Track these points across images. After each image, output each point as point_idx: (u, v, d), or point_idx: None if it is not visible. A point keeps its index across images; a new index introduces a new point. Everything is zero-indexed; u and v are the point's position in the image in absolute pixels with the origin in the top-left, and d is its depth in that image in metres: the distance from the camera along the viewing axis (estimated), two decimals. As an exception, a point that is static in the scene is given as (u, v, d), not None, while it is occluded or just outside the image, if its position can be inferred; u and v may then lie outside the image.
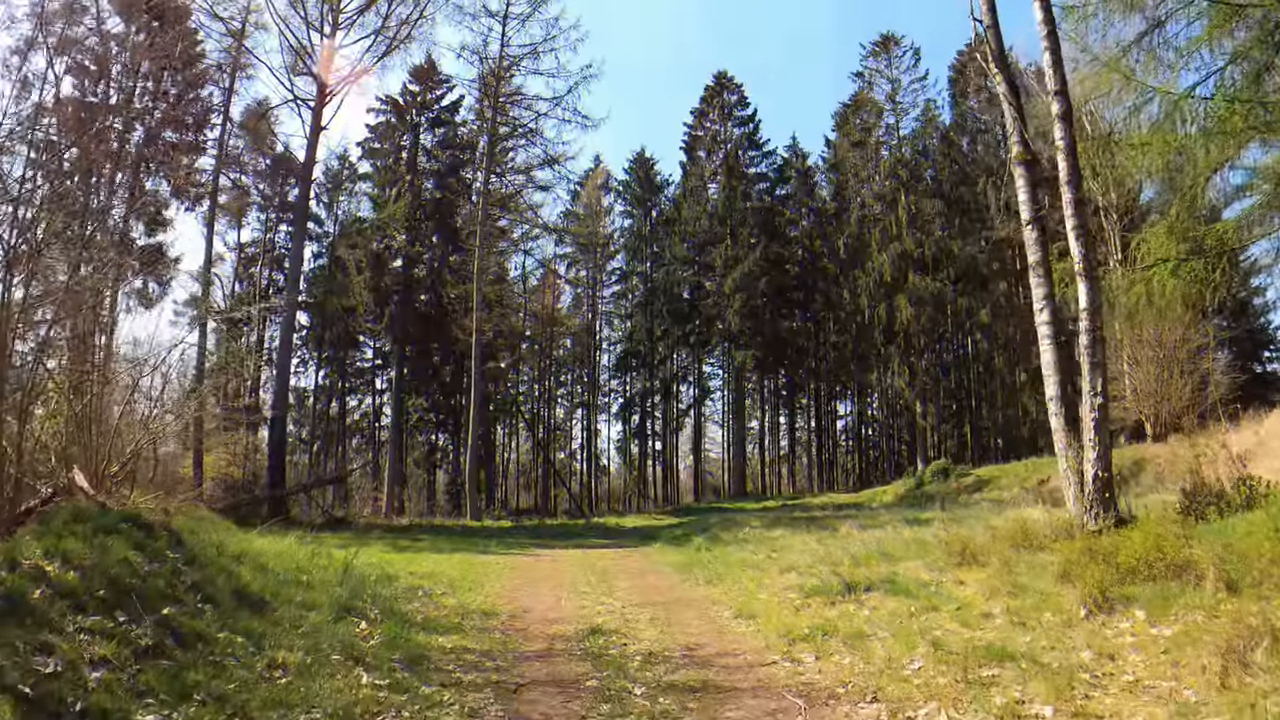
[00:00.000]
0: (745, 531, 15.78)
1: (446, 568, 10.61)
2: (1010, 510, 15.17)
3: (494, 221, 38.95)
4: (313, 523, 26.87)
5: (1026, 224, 11.20)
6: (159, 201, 34.28)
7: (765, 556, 11.41)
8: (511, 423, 54.17)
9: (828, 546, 11.55)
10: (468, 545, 14.83)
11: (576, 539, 18.95)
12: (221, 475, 30.59)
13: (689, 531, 18.13)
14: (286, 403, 32.24)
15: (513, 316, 44.31)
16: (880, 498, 35.42)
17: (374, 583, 8.84)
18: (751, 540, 13.79)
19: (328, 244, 47.67)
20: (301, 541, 14.77)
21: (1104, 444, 9.67)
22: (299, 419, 49.47)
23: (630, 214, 53.00)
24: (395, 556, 11.94)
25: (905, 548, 10.45)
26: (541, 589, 9.19)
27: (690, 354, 51.84)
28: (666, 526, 21.76)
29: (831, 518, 18.63)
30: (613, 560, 12.37)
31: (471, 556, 12.53)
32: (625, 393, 55.45)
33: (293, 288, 31.62)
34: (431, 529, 24.00)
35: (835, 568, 9.72)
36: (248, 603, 6.74)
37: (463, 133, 44.22)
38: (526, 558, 12.80)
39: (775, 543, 13.27)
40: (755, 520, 18.47)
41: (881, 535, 12.58)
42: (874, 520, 15.91)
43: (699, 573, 10.17)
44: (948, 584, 8.18)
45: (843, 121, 49.51)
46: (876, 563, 9.62)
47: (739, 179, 47.98)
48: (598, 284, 53.80)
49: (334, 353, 46.58)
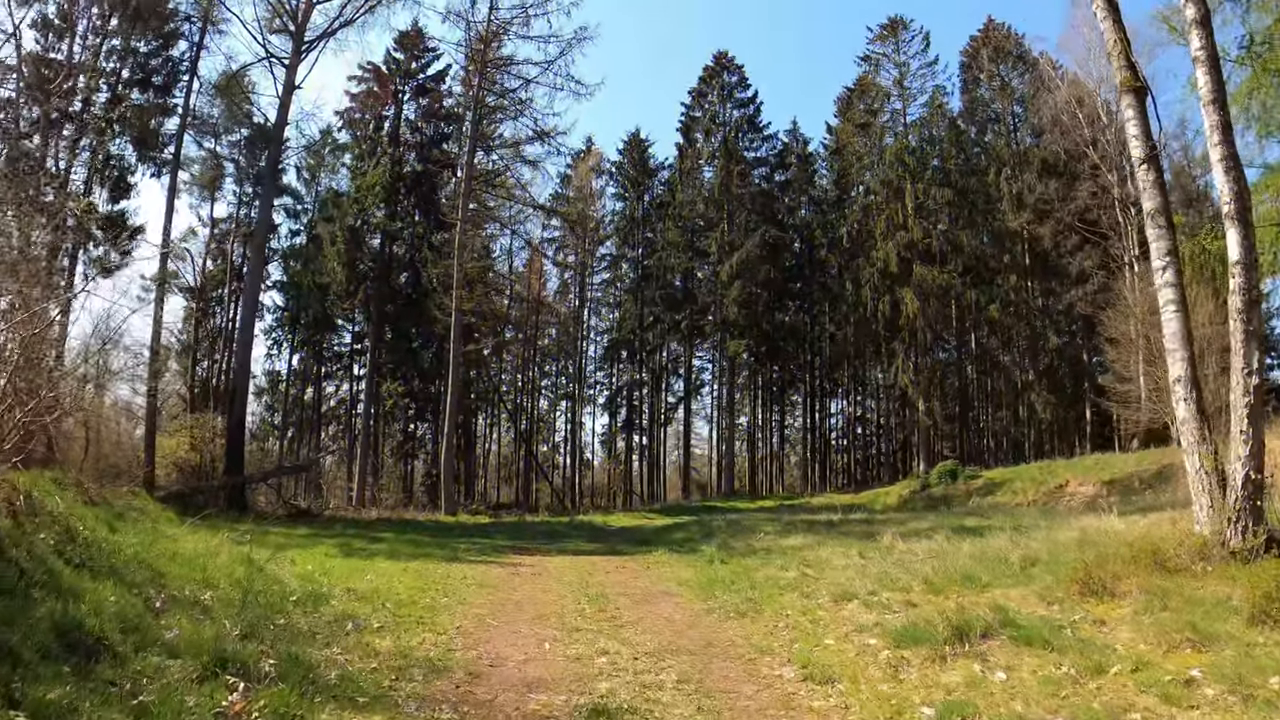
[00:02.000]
0: (760, 540, 13.53)
1: (398, 582, 8.18)
2: (1076, 520, 13.01)
3: (479, 197, 36.52)
4: (274, 514, 24.56)
5: (1141, 163, 8.95)
6: (124, 166, 32.07)
7: (799, 574, 9.15)
8: (493, 413, 51.83)
9: (878, 563, 9.32)
10: (435, 548, 12.47)
11: (561, 541, 16.61)
12: (182, 460, 28.13)
13: (690, 536, 15.86)
14: (247, 381, 29.80)
15: (496, 298, 41.85)
16: (884, 499, 33.36)
17: (292, 607, 6.53)
18: (773, 551, 11.53)
19: (307, 221, 45.27)
20: (239, 541, 12.44)
21: (1258, 437, 7.49)
22: (272, 404, 47.30)
23: (623, 197, 50.75)
24: (340, 564, 9.59)
25: (984, 567, 8.24)
26: (519, 622, 6.75)
27: (682, 344, 49.66)
28: (662, 529, 19.45)
29: (851, 522, 16.41)
30: (609, 574, 9.98)
31: (434, 565, 10.09)
32: (612, 384, 53.22)
33: (257, 254, 29.22)
34: (400, 524, 21.66)
35: (905, 594, 7.48)
36: (76, 648, 4.40)
37: (448, 104, 41.80)
38: (502, 568, 10.32)
39: (802, 555, 11.04)
40: (767, 525, 16.21)
41: (933, 547, 10.39)
42: (910, 527, 13.68)
43: (724, 597, 7.83)
44: (1084, 625, 5.96)
45: (846, 106, 47.53)
46: (960, 589, 7.39)
47: (738, 162, 45.76)
48: (587, 269, 51.47)
49: (310, 335, 44.14)
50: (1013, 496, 28.31)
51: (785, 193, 48.74)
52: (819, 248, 49.17)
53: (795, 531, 15.08)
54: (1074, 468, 28.94)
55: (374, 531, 17.72)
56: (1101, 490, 26.43)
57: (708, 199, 44.61)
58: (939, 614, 6.05)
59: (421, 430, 43.77)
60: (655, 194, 49.19)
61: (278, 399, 46.42)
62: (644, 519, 27.20)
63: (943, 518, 15.29)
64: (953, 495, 30.42)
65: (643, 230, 48.91)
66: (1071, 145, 37.79)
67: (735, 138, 46.56)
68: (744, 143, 47.16)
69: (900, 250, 38.26)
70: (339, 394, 47.00)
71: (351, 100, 42.82)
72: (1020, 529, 11.59)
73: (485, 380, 47.36)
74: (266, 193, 30.22)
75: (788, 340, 46.96)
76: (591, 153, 51.15)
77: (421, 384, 41.16)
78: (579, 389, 52.36)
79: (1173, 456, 26.81)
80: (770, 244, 43.91)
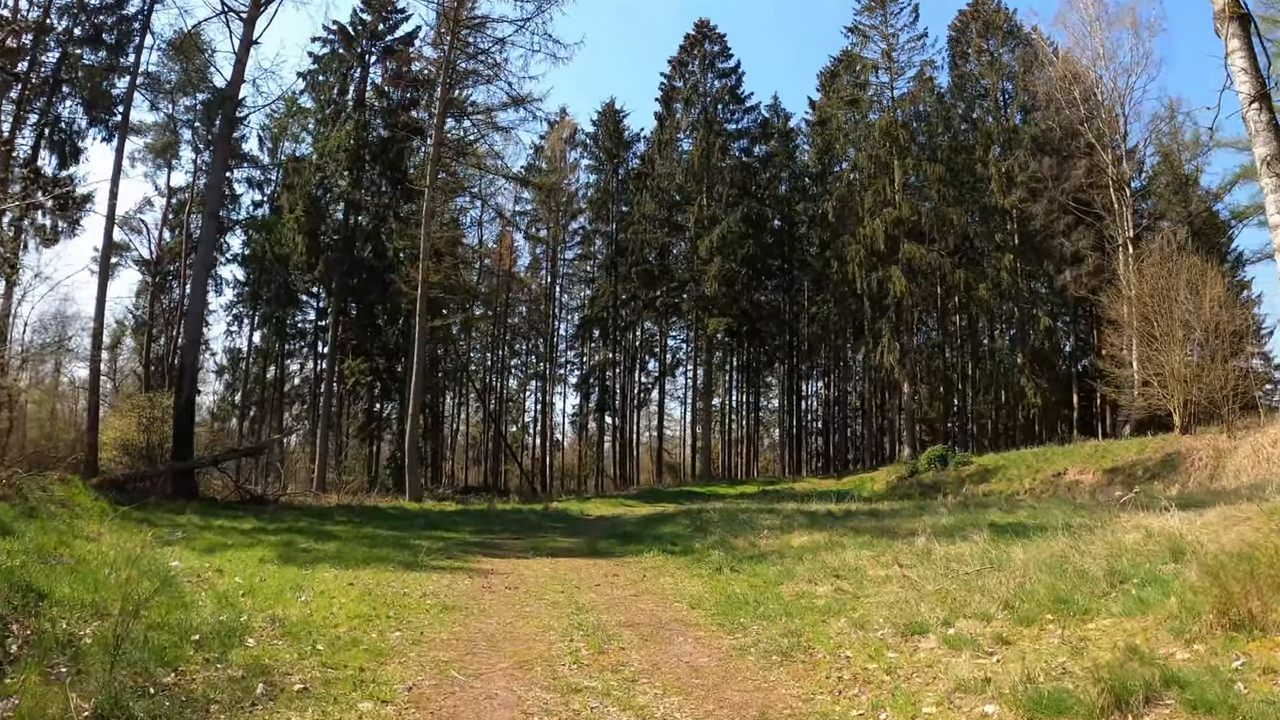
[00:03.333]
0: (764, 538, 11.98)
1: (340, 606, 6.23)
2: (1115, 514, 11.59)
3: (449, 166, 34.55)
4: (226, 501, 22.68)
5: (1250, 102, 7.39)
6: (74, 130, 29.83)
7: (833, 590, 7.58)
8: (461, 392, 49.99)
9: (922, 573, 7.79)
10: (393, 547, 10.71)
11: (535, 534, 14.98)
12: (129, 443, 26.04)
13: (680, 531, 14.26)
14: (196, 358, 27.76)
15: (465, 271, 39.90)
16: (870, 485, 32.09)
17: (193, 652, 4.81)
18: (786, 555, 9.95)
19: (270, 192, 43.00)
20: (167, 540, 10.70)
21: None
22: (233, 383, 45.23)
23: (597, 169, 48.91)
24: (275, 574, 7.78)
25: (1066, 583, 6.73)
26: (494, 673, 5.17)
27: (657, 322, 48.11)
28: (646, 520, 17.82)
29: (856, 515, 14.93)
30: (599, 588, 8.11)
31: (389, 575, 8.20)
32: (584, 364, 51.61)
33: (209, 220, 27.02)
34: (361, 512, 19.92)
35: (985, 622, 5.96)
36: None
37: (418, 68, 39.57)
38: (470, 578, 8.56)
39: (822, 560, 9.49)
40: (765, 518, 14.69)
41: (978, 551, 8.90)
42: (931, 523, 12.21)
43: (754, 627, 6.07)
44: (1254, 677, 4.44)
45: (831, 79, 45.97)
46: (1056, 616, 5.87)
47: (718, 134, 44.06)
48: (559, 244, 49.64)
49: (272, 311, 42.04)
50: (1009, 484, 27.13)
51: (766, 167, 47.18)
52: (798, 224, 47.72)
53: (799, 526, 13.57)
54: (1071, 455, 27.78)
55: (329, 522, 15.98)
56: (1103, 479, 25.31)
57: (687, 171, 42.89)
58: (1084, 670, 4.49)
59: (387, 410, 41.82)
60: (630, 166, 47.44)
61: (239, 377, 44.41)
62: (622, 506, 25.62)
63: (969, 514, 13.81)
64: (944, 482, 29.18)
65: (617, 204, 47.15)
66: (1065, 122, 36.60)
67: (716, 108, 44.86)
68: (725, 114, 45.49)
69: (888, 227, 36.83)
70: (303, 372, 45.06)
71: (315, 62, 40.49)
72: (1070, 528, 10.15)
73: (453, 358, 45.49)
74: (219, 152, 28.03)
75: (767, 320, 45.51)
76: (565, 123, 49.26)
77: (386, 361, 39.19)
78: (550, 368, 50.69)
79: (1176, 444, 25.80)
80: (751, 219, 42.36)
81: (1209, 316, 27.21)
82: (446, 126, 32.91)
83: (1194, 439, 25.33)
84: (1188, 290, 26.67)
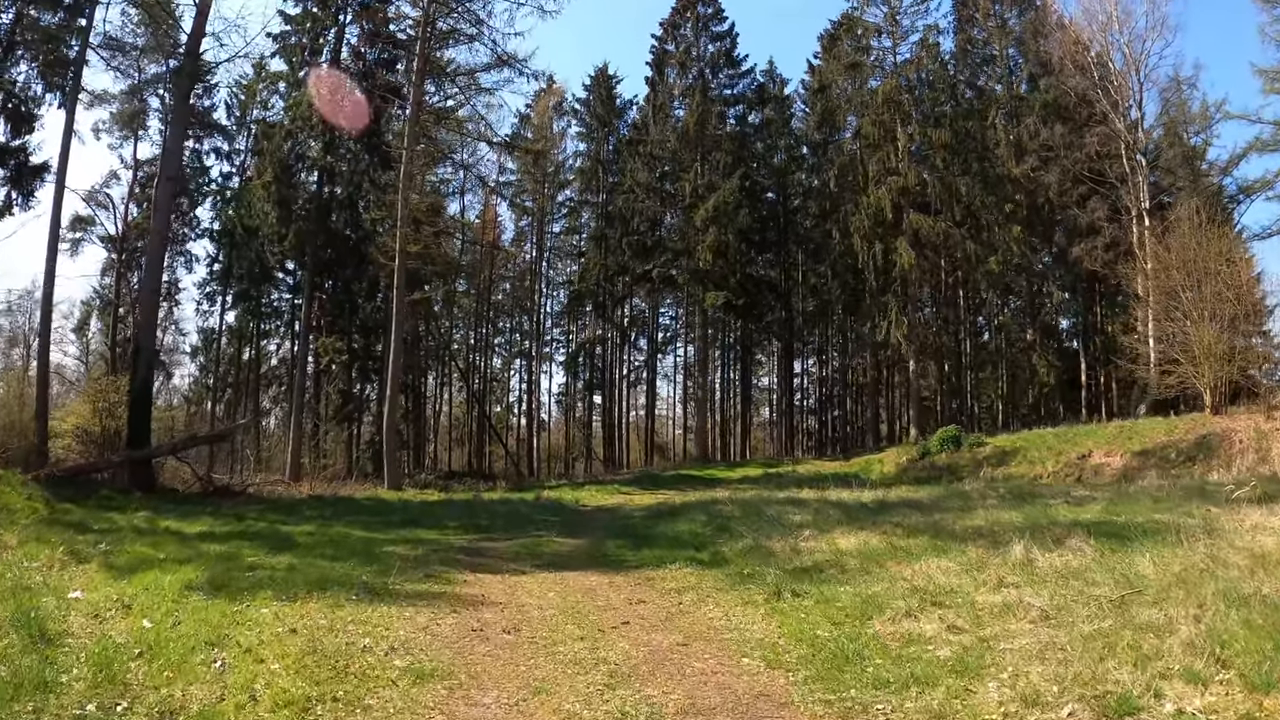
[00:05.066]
0: (805, 540, 10.12)
1: (265, 683, 4.08)
2: (1232, 512, 9.81)
3: (430, 130, 32.38)
4: (187, 492, 20.65)
5: None
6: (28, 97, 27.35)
7: (943, 627, 5.68)
8: (444, 371, 47.90)
9: (1060, 603, 5.95)
10: (359, 560, 8.59)
11: (529, 533, 13.01)
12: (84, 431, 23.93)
13: (698, 529, 12.34)
14: (153, 337, 25.57)
15: (446, 241, 37.70)
16: (878, 468, 30.39)
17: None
18: (847, 568, 8.05)
19: (240, 163, 40.67)
20: (85, 556, 8.76)
21: None
22: (207, 364, 43.11)
23: (588, 137, 46.74)
24: (198, 613, 5.64)
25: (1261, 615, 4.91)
26: None
27: (649, 297, 46.18)
28: (652, 514, 15.86)
29: (898, 508, 13.07)
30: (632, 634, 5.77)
31: (345, 611, 5.81)
32: (571, 341, 49.67)
33: (166, 185, 24.83)
34: (334, 505, 17.97)
35: (1201, 686, 4.17)
36: None
37: (394, 29, 37.08)
38: (455, 613, 6.67)
39: (895, 574, 7.68)
40: (792, 512, 12.84)
41: (1093, 563, 7.12)
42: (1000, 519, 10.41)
43: (875, 705, 4.15)
44: None
45: (831, 43, 43.90)
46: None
47: (713, 100, 41.94)
48: (546, 215, 47.49)
49: (245, 288, 39.91)
50: (1030, 468, 25.40)
51: (761, 135, 45.14)
52: (793, 196, 45.75)
53: (836, 522, 11.75)
54: (1094, 435, 26.06)
55: (293, 520, 14.02)
56: (1133, 462, 23.60)
57: (681, 138, 40.75)
58: None
59: (367, 391, 39.65)
60: (622, 135, 45.29)
61: (212, 359, 42.34)
62: (619, 494, 23.74)
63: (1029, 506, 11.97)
64: (959, 465, 27.47)
65: (609, 174, 45.03)
66: (1078, 88, 34.79)
67: (711, 72, 42.76)
68: (720, 79, 43.38)
69: (893, 196, 34.92)
70: (280, 353, 43.05)
71: (286, 22, 37.91)
72: (1181, 530, 8.39)
73: (435, 336, 43.35)
74: (178, 111, 25.76)
75: (765, 293, 43.61)
76: (553, 90, 46.97)
77: (364, 339, 37.02)
78: (536, 345, 48.69)
79: (1208, 425, 24.12)
80: (747, 188, 40.39)
81: (1244, 292, 25.72)
82: (427, 92, 30.76)
83: (1229, 420, 23.68)
84: (1222, 264, 25.06)
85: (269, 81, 39.20)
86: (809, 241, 44.15)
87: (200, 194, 41.31)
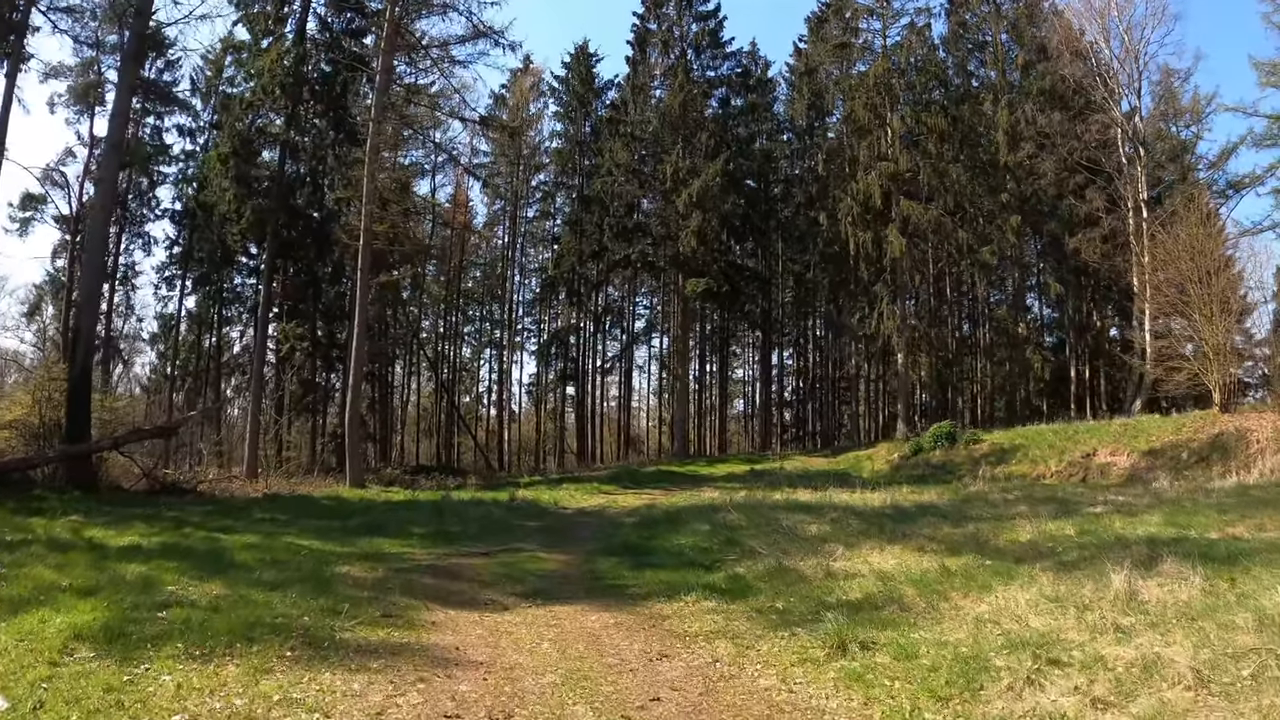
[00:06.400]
0: (840, 563, 8.64)
1: None
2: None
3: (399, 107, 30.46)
4: (134, 491, 18.79)
5: None
6: None
7: (1081, 700, 4.23)
8: (413, 360, 45.99)
9: (1202, 658, 4.51)
10: (304, 588, 6.83)
11: (508, 546, 11.39)
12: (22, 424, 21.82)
13: (704, 542, 10.81)
14: (94, 320, 23.58)
15: (415, 221, 35.79)
16: (868, 465, 29.09)
17: None
18: (906, 600, 6.61)
19: (204, 142, 38.36)
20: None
21: None
22: (165, 352, 40.91)
23: (566, 117, 44.94)
24: (76, 681, 4.16)
25: None
26: None
27: (627, 283, 44.59)
28: (643, 519, 14.29)
29: (930, 515, 11.61)
30: (666, 709, 4.52)
31: (274, 681, 4.51)
32: (543, 330, 47.99)
33: (111, 153, 22.80)
34: (289, 506, 16.27)
35: None
36: None
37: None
38: (418, 689, 4.65)
39: (960, 606, 6.24)
40: (809, 522, 11.35)
41: (1195, 595, 5.72)
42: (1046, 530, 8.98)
43: None
44: None
45: (818, 24, 42.51)
46: None
47: (696, 81, 40.30)
48: (520, 199, 45.70)
49: (207, 272, 37.81)
50: (1032, 466, 24.16)
51: (745, 119, 43.61)
52: (775, 183, 44.28)
53: (858, 533, 10.37)
54: (1097, 433, 24.85)
55: (239, 527, 12.32)
56: (1141, 461, 22.41)
57: (663, 119, 39.07)
58: None
59: (331, 380, 37.64)
60: (601, 115, 43.55)
61: (171, 346, 40.14)
62: (600, 493, 22.14)
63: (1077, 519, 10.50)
64: (955, 463, 26.21)
65: (587, 156, 43.31)
66: (1075, 75, 33.64)
67: (695, 52, 41.08)
68: (704, 59, 41.74)
69: (884, 183, 33.54)
70: (243, 340, 40.84)
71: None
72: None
73: (403, 323, 41.39)
74: (126, 72, 23.60)
75: (747, 282, 42.12)
76: (530, 71, 45.19)
77: (327, 325, 35.05)
78: (508, 334, 46.90)
79: (1219, 423, 22.97)
80: (730, 173, 38.85)
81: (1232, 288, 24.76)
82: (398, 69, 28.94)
83: (1240, 418, 22.56)
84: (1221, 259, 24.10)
85: (233, 52, 36.98)
86: (792, 229, 42.76)
87: (160, 173, 39.05)
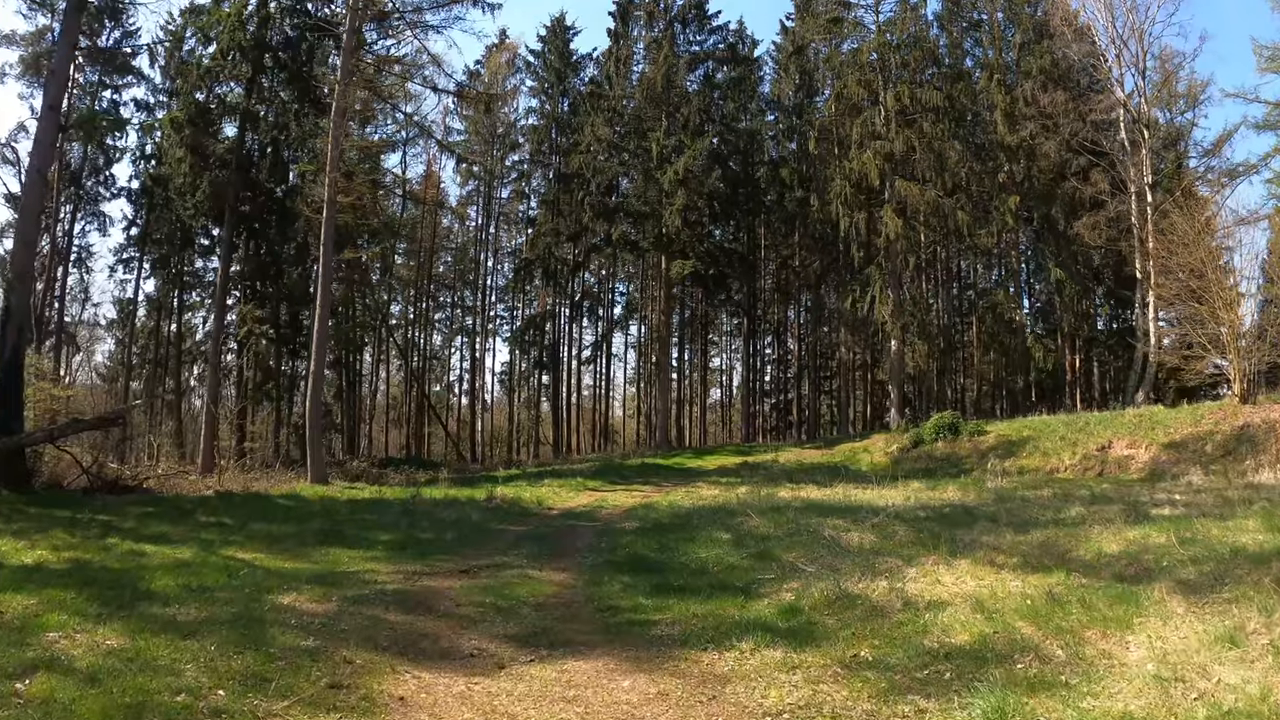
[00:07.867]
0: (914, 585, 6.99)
1: None
2: None
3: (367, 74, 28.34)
4: (73, 489, 16.75)
5: None
6: None
7: None
8: (381, 347, 43.92)
9: None
10: (231, 631, 5.13)
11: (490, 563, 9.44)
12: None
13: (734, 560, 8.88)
14: (28, 298, 21.30)
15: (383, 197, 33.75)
16: (866, 457, 27.52)
17: None
18: (1032, 643, 4.99)
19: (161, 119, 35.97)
20: None
21: None
22: (123, 339, 39.41)
23: (542, 92, 42.97)
24: None
25: None
26: None
27: (606, 264, 42.81)
28: (646, 523, 12.54)
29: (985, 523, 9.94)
30: None
31: None
32: (517, 317, 46.13)
33: (48, 115, 20.50)
34: (241, 507, 14.38)
35: None
36: None
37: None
38: None
39: (1125, 659, 4.69)
40: (846, 526, 9.67)
41: None
42: (1213, 550, 7.35)
43: None
44: None
45: (807, 1, 40.74)
46: None
47: (680, 55, 38.50)
48: (494, 179, 43.72)
49: (166, 254, 35.68)
50: (1044, 460, 22.70)
51: (732, 95, 41.87)
52: (760, 164, 42.61)
53: (907, 541, 8.77)
54: (1111, 425, 23.42)
55: (173, 536, 10.48)
56: (1162, 455, 21.00)
57: (646, 93, 37.24)
58: None
59: (297, 367, 35.52)
60: (579, 90, 41.62)
61: (129, 332, 38.01)
62: (585, 490, 20.37)
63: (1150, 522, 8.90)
64: (960, 456, 24.73)
65: (564, 134, 41.41)
66: (1078, 53, 32.33)
67: (681, 24, 39.28)
68: (689, 33, 39.94)
69: (879, 162, 31.96)
70: (206, 326, 38.69)
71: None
72: None
73: (371, 308, 39.25)
74: (68, 25, 21.42)
75: (733, 264, 40.46)
76: (505, 46, 43.27)
77: (289, 309, 32.94)
78: (481, 320, 44.98)
79: (1241, 415, 21.60)
80: (716, 151, 37.16)
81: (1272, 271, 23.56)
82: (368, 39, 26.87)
83: (1265, 410, 21.25)
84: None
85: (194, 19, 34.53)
86: (778, 211, 41.14)
87: (116, 148, 36.59)
